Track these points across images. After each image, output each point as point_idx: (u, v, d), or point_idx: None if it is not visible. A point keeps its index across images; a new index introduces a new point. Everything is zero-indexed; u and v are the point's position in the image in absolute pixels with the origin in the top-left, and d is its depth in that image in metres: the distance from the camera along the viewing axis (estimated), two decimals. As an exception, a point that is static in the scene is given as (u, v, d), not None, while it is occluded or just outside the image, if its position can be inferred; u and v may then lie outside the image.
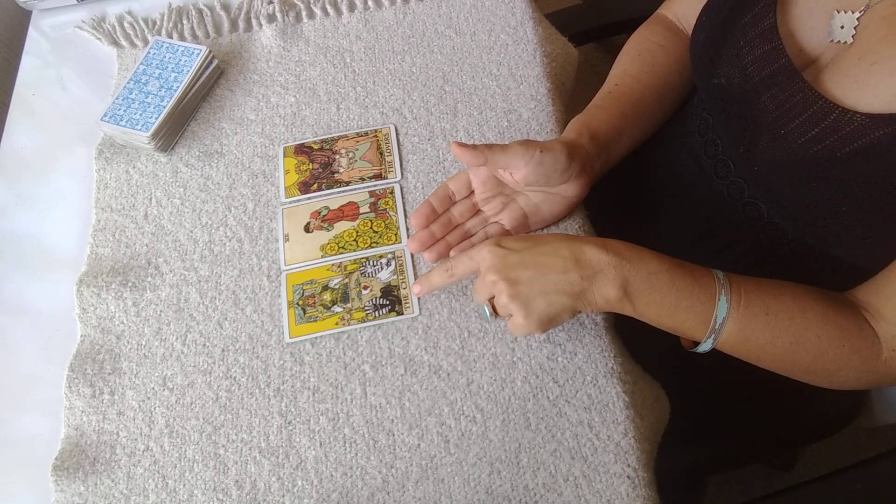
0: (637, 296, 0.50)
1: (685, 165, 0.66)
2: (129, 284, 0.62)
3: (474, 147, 0.53)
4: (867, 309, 0.52)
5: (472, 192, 0.61)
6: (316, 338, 0.59)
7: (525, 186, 0.58)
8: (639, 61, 0.67)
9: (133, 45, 0.77)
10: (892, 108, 0.44)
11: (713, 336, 0.51)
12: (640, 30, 0.70)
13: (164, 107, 0.68)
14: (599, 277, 0.50)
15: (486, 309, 0.53)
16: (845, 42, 0.49)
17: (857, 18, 0.48)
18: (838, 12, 0.50)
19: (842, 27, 0.49)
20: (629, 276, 0.50)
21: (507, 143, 0.55)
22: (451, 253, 0.60)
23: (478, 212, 0.61)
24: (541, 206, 0.59)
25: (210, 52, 0.72)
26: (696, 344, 0.53)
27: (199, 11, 0.78)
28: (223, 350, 0.59)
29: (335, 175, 0.67)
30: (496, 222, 0.61)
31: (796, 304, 0.51)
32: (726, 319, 0.50)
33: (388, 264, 0.62)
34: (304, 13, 0.77)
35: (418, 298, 0.60)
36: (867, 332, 0.51)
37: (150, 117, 0.67)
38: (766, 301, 0.50)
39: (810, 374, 0.52)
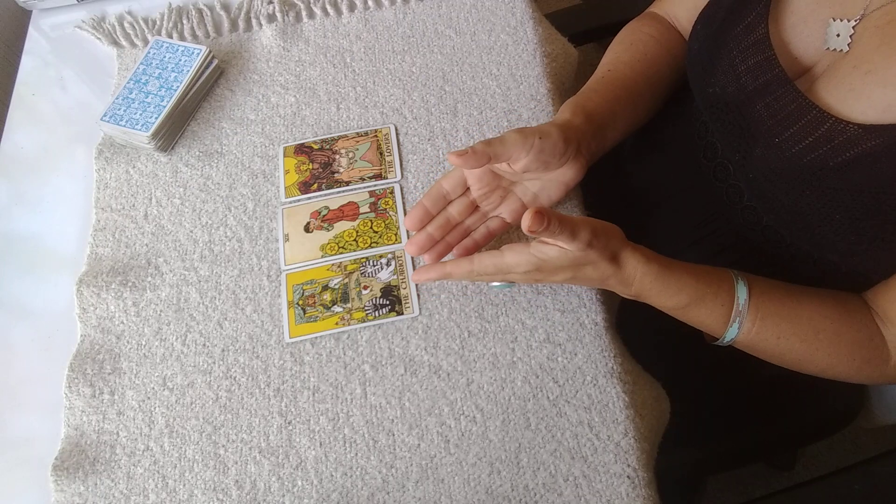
0: (648, 301, 0.55)
1: (685, 167, 0.66)
2: (129, 284, 0.62)
3: (472, 151, 0.52)
4: (878, 312, 0.53)
5: (468, 189, 0.60)
6: (316, 338, 0.59)
7: (523, 174, 0.57)
8: (631, 50, 0.67)
9: (133, 44, 0.77)
10: (885, 118, 0.44)
11: (719, 343, 0.55)
12: (631, 23, 0.71)
13: (164, 107, 0.68)
14: (616, 290, 0.55)
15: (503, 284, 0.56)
16: (841, 50, 0.49)
17: (853, 27, 0.48)
18: (834, 20, 0.50)
19: (837, 35, 0.49)
20: (644, 297, 0.54)
21: (499, 135, 0.54)
22: (454, 253, 0.59)
23: (476, 208, 0.61)
24: (539, 195, 0.59)
25: (210, 52, 0.72)
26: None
27: (199, 11, 0.78)
28: (223, 350, 0.59)
29: (335, 175, 0.67)
30: (496, 216, 0.60)
31: (811, 327, 0.53)
32: (734, 339, 0.54)
33: (388, 264, 0.62)
34: (304, 13, 0.77)
35: (418, 298, 0.60)
36: (877, 342, 0.52)
37: (150, 117, 0.67)
38: (781, 325, 0.53)
39: (818, 376, 0.56)
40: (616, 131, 0.63)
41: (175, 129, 0.70)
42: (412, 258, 0.62)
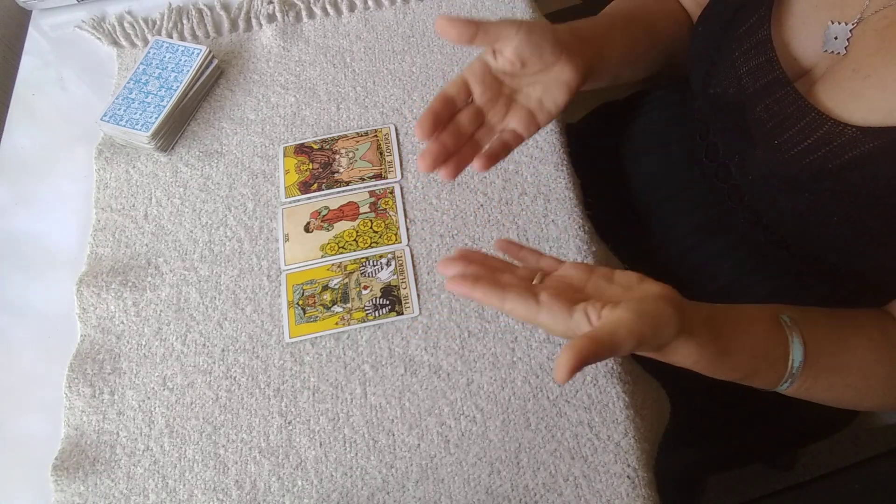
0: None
1: (686, 167, 0.66)
2: (129, 284, 0.62)
3: (460, 19, 0.47)
4: None
5: (471, 98, 0.53)
6: (316, 338, 0.59)
7: (521, 68, 0.52)
8: (630, 4, 0.66)
9: (133, 44, 0.77)
10: (887, 122, 0.44)
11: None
12: None
13: (164, 107, 0.68)
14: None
15: None
16: (838, 53, 0.49)
17: (850, 30, 0.48)
18: (832, 23, 0.50)
19: (835, 38, 0.49)
20: (699, 368, 0.48)
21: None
22: (475, 164, 0.52)
23: (482, 122, 0.54)
24: (543, 100, 0.54)
25: (210, 51, 0.72)
26: None
27: (199, 11, 0.78)
28: (223, 350, 0.59)
29: (335, 175, 0.67)
30: (508, 129, 0.54)
31: (861, 376, 0.51)
32: (786, 391, 0.52)
33: (388, 264, 0.62)
34: (304, 13, 0.77)
35: (418, 298, 0.60)
36: None
37: (150, 117, 0.67)
38: (831, 378, 0.51)
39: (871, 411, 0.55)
40: (614, 50, 0.59)
41: (175, 129, 0.70)
42: (412, 259, 0.62)
